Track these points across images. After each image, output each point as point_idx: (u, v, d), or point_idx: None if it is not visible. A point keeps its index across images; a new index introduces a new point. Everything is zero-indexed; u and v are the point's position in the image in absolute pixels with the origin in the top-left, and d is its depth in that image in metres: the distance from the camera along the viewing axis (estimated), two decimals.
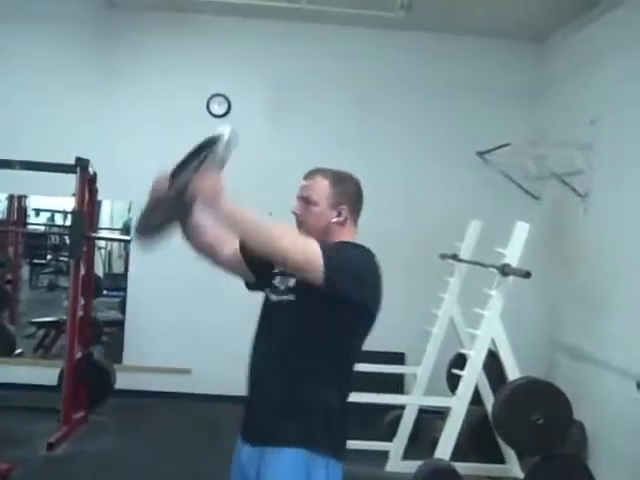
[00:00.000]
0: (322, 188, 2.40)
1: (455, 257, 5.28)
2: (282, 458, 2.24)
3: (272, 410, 2.30)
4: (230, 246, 2.50)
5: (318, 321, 2.27)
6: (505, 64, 6.77)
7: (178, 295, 6.58)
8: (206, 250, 2.53)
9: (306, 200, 2.40)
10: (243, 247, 2.42)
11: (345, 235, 2.42)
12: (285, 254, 2.15)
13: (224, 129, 2.31)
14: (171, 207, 2.24)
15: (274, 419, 2.28)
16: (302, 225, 2.41)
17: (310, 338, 2.28)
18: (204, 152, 2.29)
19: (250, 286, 2.60)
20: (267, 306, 2.44)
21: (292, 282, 2.35)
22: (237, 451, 2.41)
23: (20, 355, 7.23)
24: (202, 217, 2.38)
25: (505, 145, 5.79)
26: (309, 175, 2.45)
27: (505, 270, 4.36)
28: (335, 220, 2.40)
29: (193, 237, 2.47)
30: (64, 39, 6.76)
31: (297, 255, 2.15)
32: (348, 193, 2.44)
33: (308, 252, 2.15)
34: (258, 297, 2.53)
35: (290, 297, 2.33)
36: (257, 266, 2.44)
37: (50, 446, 5.07)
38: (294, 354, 2.29)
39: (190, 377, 6.61)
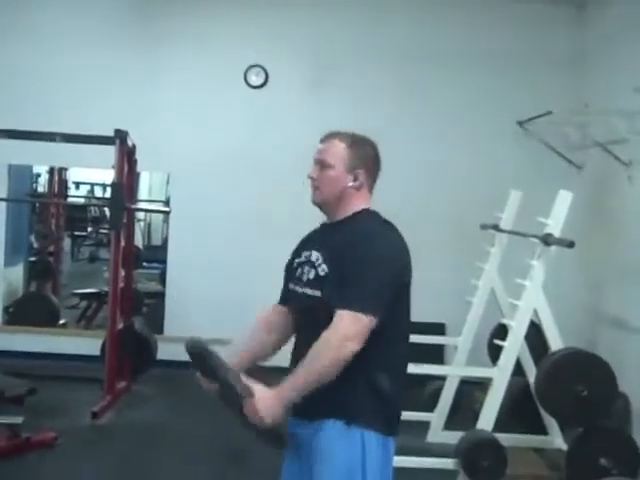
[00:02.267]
0: (338, 151, 2.33)
1: (496, 227, 5.22)
2: (333, 433, 2.22)
3: (317, 390, 2.21)
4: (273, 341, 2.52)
5: None
6: (546, 31, 6.65)
7: (218, 266, 6.61)
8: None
9: (322, 163, 2.35)
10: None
11: (360, 201, 2.36)
12: (350, 355, 2.11)
13: (196, 347, 2.38)
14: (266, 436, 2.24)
15: (320, 394, 2.20)
16: (317, 190, 2.35)
17: None
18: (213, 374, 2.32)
19: None
20: (297, 296, 2.38)
21: (313, 275, 2.30)
22: (289, 425, 2.38)
23: (64, 326, 7.35)
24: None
25: (546, 114, 5.70)
26: (326, 138, 2.39)
27: (548, 240, 4.29)
28: (351, 184, 2.33)
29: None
30: (101, 12, 6.79)
31: (357, 345, 2.12)
32: (365, 157, 2.36)
33: (358, 333, 2.12)
34: None
35: (316, 293, 2.28)
36: None
37: (94, 415, 5.15)
38: None
39: (230, 347, 6.64)
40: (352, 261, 2.19)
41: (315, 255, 2.32)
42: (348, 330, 2.12)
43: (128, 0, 6.81)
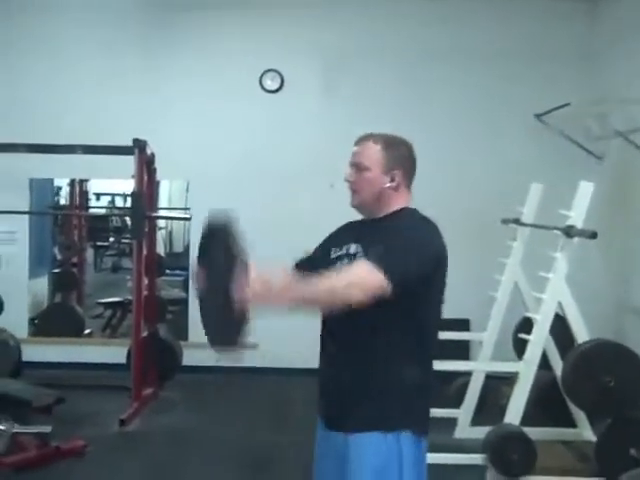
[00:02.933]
0: (374, 153, 2.35)
1: (517, 221, 5.20)
2: (368, 443, 2.22)
3: (347, 395, 2.27)
4: None
5: (385, 301, 2.17)
6: (561, 23, 6.61)
7: None
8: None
9: (358, 166, 2.36)
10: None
11: (399, 200, 2.37)
12: (350, 300, 2.08)
13: (218, 217, 2.28)
14: (231, 324, 2.15)
15: (350, 404, 2.26)
16: (355, 193, 2.37)
17: (378, 318, 2.19)
18: (218, 250, 2.23)
19: None
20: None
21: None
22: (318, 437, 2.40)
23: (89, 335, 7.40)
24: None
25: (564, 105, 5.67)
26: (360, 140, 2.40)
27: (570, 232, 4.26)
28: (388, 185, 2.34)
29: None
30: (117, 22, 6.83)
31: (360, 294, 2.07)
32: (401, 157, 2.38)
33: (367, 284, 2.08)
34: None
35: None
36: None
37: (122, 422, 5.18)
38: (363, 335, 2.24)
39: (256, 351, 6.65)
40: (390, 242, 2.19)
41: (354, 247, 2.34)
42: (360, 275, 2.11)
43: (144, 9, 6.84)
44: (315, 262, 2.44)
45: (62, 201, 8.55)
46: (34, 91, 6.72)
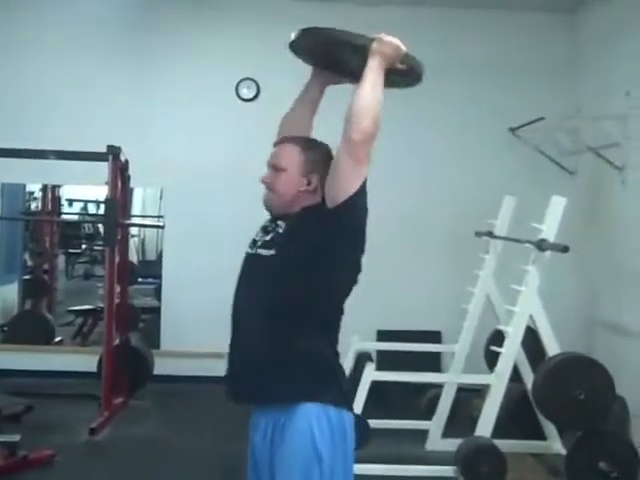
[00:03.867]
0: (292, 155, 2.33)
1: (490, 234, 5.23)
2: (296, 414, 2.20)
3: (260, 368, 2.24)
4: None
5: (300, 274, 2.20)
6: (536, 37, 6.68)
7: (212, 280, 6.57)
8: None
9: (275, 167, 2.34)
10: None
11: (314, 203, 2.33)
12: (367, 126, 2.35)
13: None
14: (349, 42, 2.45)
15: (264, 377, 2.24)
16: (271, 193, 2.34)
17: (292, 290, 2.20)
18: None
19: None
20: (247, 260, 2.37)
21: (270, 236, 2.31)
22: (252, 428, 2.45)
23: (59, 343, 7.32)
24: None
25: (538, 119, 5.72)
26: (279, 141, 2.41)
27: (542, 245, 4.30)
28: (304, 189, 2.31)
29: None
30: (93, 28, 6.78)
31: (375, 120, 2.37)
32: (320, 161, 2.33)
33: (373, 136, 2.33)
34: None
35: (270, 251, 2.26)
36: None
37: (92, 431, 5.12)
38: (277, 307, 2.21)
39: (226, 361, 6.63)
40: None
41: (272, 225, 2.36)
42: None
43: (120, 16, 6.81)
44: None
45: (34, 207, 8.48)
46: (6, 95, 6.65)
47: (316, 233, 2.22)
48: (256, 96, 6.79)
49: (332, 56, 2.40)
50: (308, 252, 2.20)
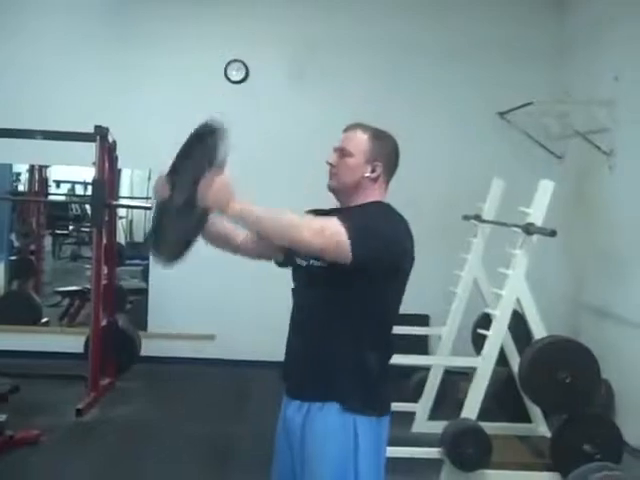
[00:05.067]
0: (360, 141, 2.37)
1: (478, 218, 5.24)
2: (326, 417, 2.25)
3: (311, 369, 2.30)
4: (244, 233, 2.48)
5: (349, 284, 2.23)
6: (526, 21, 6.66)
7: (200, 262, 6.51)
8: (221, 241, 2.50)
9: (342, 151, 2.38)
10: None
11: (375, 193, 2.39)
12: (308, 244, 2.12)
13: (213, 122, 2.29)
14: (185, 224, 2.18)
15: (314, 378, 2.30)
16: (335, 176, 2.38)
17: (340, 301, 2.26)
18: (200, 151, 2.24)
19: (280, 264, 2.55)
20: (297, 271, 2.42)
21: None
22: (283, 407, 2.42)
23: (46, 324, 7.31)
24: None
25: (527, 104, 5.72)
26: (349, 127, 2.43)
27: (529, 229, 4.31)
28: (368, 175, 2.36)
29: (206, 234, 2.40)
30: (81, 10, 6.76)
31: (320, 241, 2.10)
32: (385, 151, 2.41)
33: (331, 235, 2.10)
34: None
35: (318, 263, 2.28)
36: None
37: (79, 412, 5.13)
38: (329, 316, 2.28)
39: (214, 343, 6.65)
40: (360, 221, 2.19)
41: None
42: (328, 225, 2.13)
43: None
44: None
45: (21, 187, 8.42)
46: None
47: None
48: (245, 78, 6.76)
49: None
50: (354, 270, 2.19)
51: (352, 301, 2.26)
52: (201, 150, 2.24)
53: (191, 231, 2.17)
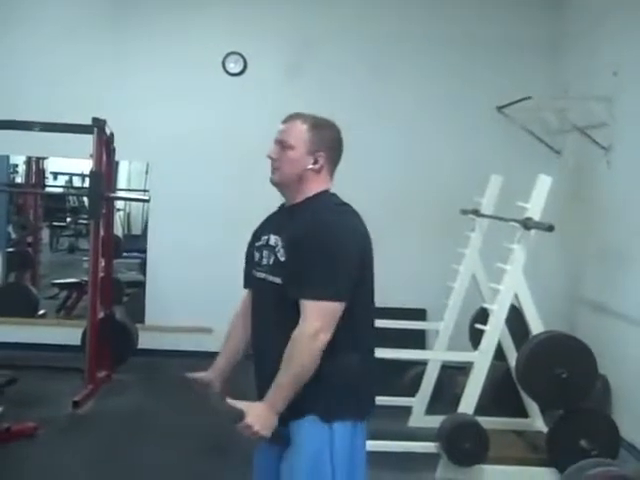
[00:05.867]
0: (300, 132, 2.32)
1: (476, 212, 5.23)
2: (303, 428, 2.23)
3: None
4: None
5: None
6: (525, 15, 6.64)
7: (198, 255, 6.58)
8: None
9: (282, 144, 2.33)
10: None
11: (320, 183, 2.34)
12: (317, 354, 2.15)
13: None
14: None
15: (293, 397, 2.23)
16: (277, 170, 2.35)
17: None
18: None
19: None
20: (256, 282, 2.39)
21: (272, 260, 2.29)
22: None
23: (43, 316, 7.31)
24: None
25: (525, 99, 5.71)
26: (288, 118, 2.37)
27: (527, 224, 4.30)
28: (311, 167, 2.32)
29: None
30: (79, 0, 6.72)
31: (321, 342, 2.14)
32: (327, 140, 2.34)
33: (322, 327, 2.14)
34: None
35: (276, 279, 2.26)
36: None
37: (75, 404, 5.13)
38: (292, 326, 2.19)
39: (211, 336, 6.63)
40: (312, 250, 2.18)
41: (274, 239, 2.31)
42: (316, 323, 2.13)
43: None
44: (248, 268, 2.46)
45: (18, 179, 8.41)
46: None
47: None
48: (243, 70, 6.74)
49: None
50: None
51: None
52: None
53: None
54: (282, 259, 2.25)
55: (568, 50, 6.40)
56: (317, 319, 2.13)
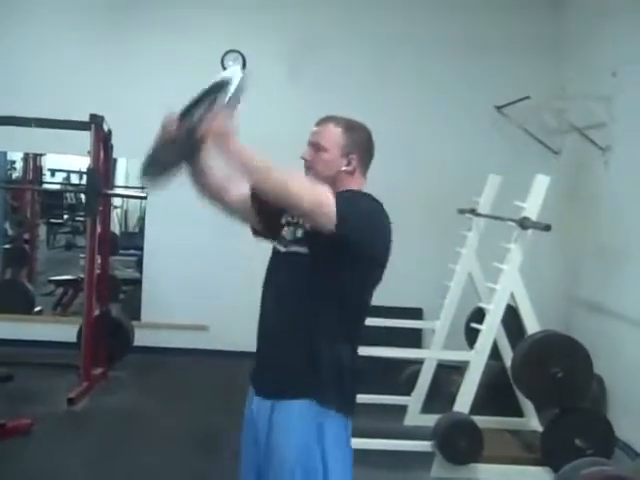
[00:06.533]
0: (333, 135, 2.34)
1: (473, 211, 5.23)
2: (292, 410, 2.23)
3: (282, 364, 2.28)
4: (238, 190, 2.45)
5: (327, 273, 2.23)
6: (524, 15, 6.64)
7: (194, 253, 6.58)
8: (213, 193, 2.47)
9: (316, 146, 2.35)
10: (254, 194, 2.37)
11: (353, 185, 2.36)
12: (297, 198, 2.11)
13: (234, 70, 2.30)
14: (181, 147, 2.20)
15: (284, 373, 2.27)
16: (310, 172, 2.35)
17: (320, 290, 2.24)
18: (215, 94, 2.26)
19: (256, 232, 2.55)
20: (275, 257, 2.40)
21: (300, 233, 2.31)
22: (249, 402, 2.40)
23: (39, 313, 7.29)
24: (210, 159, 2.33)
25: (524, 98, 5.72)
26: (321, 121, 2.39)
27: (524, 223, 4.31)
28: (344, 169, 2.34)
29: (200, 179, 2.42)
30: None
31: (310, 199, 2.11)
32: (359, 142, 2.37)
33: (320, 196, 2.11)
34: None
35: (299, 249, 2.28)
36: (266, 214, 2.42)
37: (70, 401, 5.12)
38: (304, 307, 2.25)
39: (207, 333, 6.64)
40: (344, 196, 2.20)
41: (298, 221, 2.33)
42: (319, 188, 2.15)
43: None
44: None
45: (15, 175, 8.40)
46: None
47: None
48: (242, 68, 6.72)
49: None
50: (334, 252, 2.18)
51: (330, 291, 2.24)
52: (214, 94, 2.27)
53: (184, 154, 2.22)
54: (309, 228, 2.25)
55: (567, 50, 6.40)
56: (322, 190, 2.14)
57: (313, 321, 2.25)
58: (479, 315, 4.77)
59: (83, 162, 6.36)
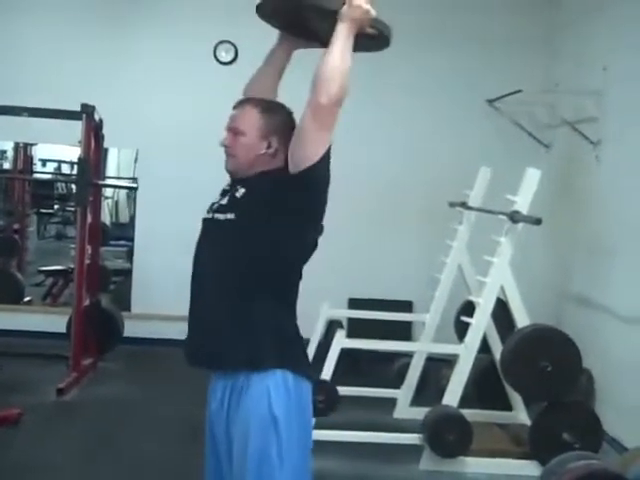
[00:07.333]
0: (251, 118, 2.29)
1: (464, 205, 5.23)
2: (267, 381, 2.17)
3: (216, 333, 2.24)
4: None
5: (258, 238, 2.18)
6: (516, 10, 6.61)
7: (185, 243, 6.49)
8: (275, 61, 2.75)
9: (234, 130, 2.31)
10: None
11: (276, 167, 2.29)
12: (338, 89, 2.17)
13: None
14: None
15: (220, 342, 2.23)
16: (231, 157, 2.32)
17: (250, 255, 2.19)
18: None
19: None
20: (204, 224, 2.36)
21: (226, 200, 2.28)
22: (209, 398, 2.41)
23: (29, 303, 7.27)
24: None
25: (516, 92, 5.72)
26: (238, 104, 2.35)
27: (515, 217, 4.31)
28: (264, 152, 2.27)
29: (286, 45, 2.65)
30: None
31: (339, 95, 2.16)
32: (279, 123, 2.30)
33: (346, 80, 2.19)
34: None
35: (229, 215, 2.23)
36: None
37: (60, 392, 5.11)
38: (237, 273, 2.20)
39: None
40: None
41: (230, 190, 2.33)
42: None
43: None
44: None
45: (5, 165, 8.36)
46: None
47: (276, 197, 2.18)
48: (234, 59, 6.71)
49: (300, 20, 2.33)
50: (266, 216, 2.17)
51: (263, 257, 2.19)
52: None
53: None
54: (238, 195, 2.25)
55: (559, 44, 6.40)
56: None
57: (247, 287, 2.20)
58: (469, 308, 4.77)
59: (74, 152, 6.33)
